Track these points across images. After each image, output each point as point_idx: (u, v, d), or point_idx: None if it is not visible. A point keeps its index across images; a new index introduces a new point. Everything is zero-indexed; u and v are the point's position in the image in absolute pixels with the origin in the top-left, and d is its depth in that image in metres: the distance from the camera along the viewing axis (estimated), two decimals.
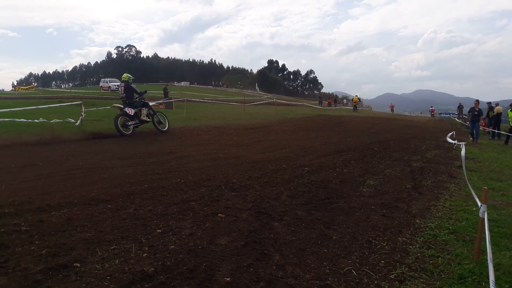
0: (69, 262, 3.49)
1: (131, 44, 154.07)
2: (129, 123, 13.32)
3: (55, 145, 10.65)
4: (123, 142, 11.64)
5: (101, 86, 55.78)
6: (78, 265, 3.45)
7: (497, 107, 22.87)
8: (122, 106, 13.37)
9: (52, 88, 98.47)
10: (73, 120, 16.40)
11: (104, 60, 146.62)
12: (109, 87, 51.39)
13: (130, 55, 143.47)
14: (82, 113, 16.29)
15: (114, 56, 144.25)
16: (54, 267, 3.37)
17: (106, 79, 58.46)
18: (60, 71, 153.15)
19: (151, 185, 6.33)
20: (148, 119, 13.93)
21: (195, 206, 5.31)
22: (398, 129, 19.82)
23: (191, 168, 7.90)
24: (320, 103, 55.57)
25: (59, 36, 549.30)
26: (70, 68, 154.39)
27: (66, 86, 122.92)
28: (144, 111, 13.86)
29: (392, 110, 59.46)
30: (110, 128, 13.79)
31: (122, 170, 7.50)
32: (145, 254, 3.73)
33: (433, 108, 60.98)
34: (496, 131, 21.25)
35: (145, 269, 3.40)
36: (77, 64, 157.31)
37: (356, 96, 45.09)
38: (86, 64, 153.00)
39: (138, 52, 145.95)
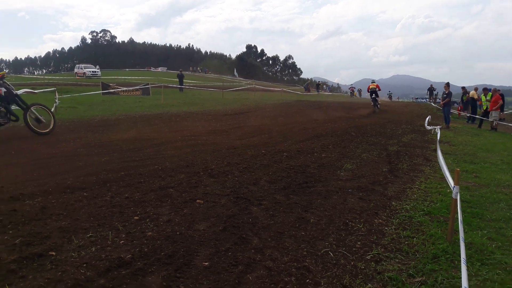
0: (44, 251, 3.43)
1: (106, 29, 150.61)
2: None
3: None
4: (99, 129, 11.41)
5: (76, 72, 54.24)
6: (54, 253, 3.39)
7: (472, 91, 23.41)
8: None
9: (24, 74, 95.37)
10: None
11: (79, 45, 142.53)
12: (84, 73, 50.09)
13: (105, 40, 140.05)
14: (56, 100, 15.88)
15: (89, 41, 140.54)
16: (28, 256, 3.30)
17: (81, 65, 56.83)
18: (33, 57, 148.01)
19: (128, 172, 6.24)
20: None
21: (173, 193, 5.27)
22: (374, 114, 20.07)
23: (169, 154, 7.83)
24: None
25: (31, 20, 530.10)
26: (43, 54, 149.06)
27: (39, 72, 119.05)
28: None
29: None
30: (85, 115, 13.50)
31: (98, 157, 7.37)
32: (122, 241, 3.70)
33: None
34: (470, 115, 21.78)
35: (122, 256, 3.37)
36: (51, 50, 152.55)
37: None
38: (60, 49, 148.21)
39: (113, 37, 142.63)
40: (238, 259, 3.46)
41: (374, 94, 23.71)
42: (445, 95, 18.06)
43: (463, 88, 26.40)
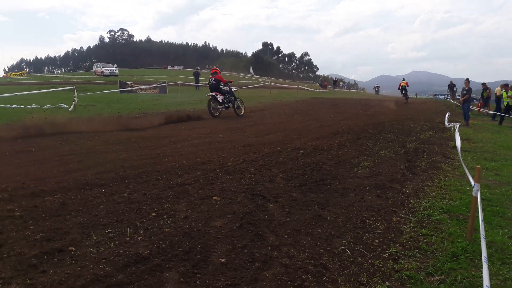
0: (64, 246, 3.50)
1: (124, 28, 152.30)
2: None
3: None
4: (116, 127, 11.54)
5: (94, 71, 55.08)
6: (73, 249, 3.46)
7: (498, 88, 22.33)
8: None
9: (44, 73, 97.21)
10: (66, 106, 16.28)
11: (97, 44, 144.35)
12: (102, 71, 50.78)
13: (122, 39, 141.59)
14: (75, 98, 16.16)
15: (107, 40, 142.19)
16: (49, 252, 3.38)
17: (99, 63, 57.71)
18: (52, 56, 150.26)
19: (146, 169, 6.31)
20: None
21: (190, 190, 5.31)
22: (392, 111, 19.83)
23: (185, 152, 7.88)
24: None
25: (51, 20, 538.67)
26: (62, 53, 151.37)
27: (59, 71, 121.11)
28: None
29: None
30: (103, 112, 13.68)
31: (116, 155, 7.47)
32: (140, 237, 3.75)
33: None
34: (494, 112, 21.04)
35: (140, 251, 3.41)
36: (70, 49, 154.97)
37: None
38: (79, 49, 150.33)
39: (131, 36, 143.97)
40: (254, 256, 3.47)
41: (404, 90, 30.36)
42: (464, 92, 17.68)
43: (483, 84, 25.78)
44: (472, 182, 4.17)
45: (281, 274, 3.22)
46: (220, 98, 15.10)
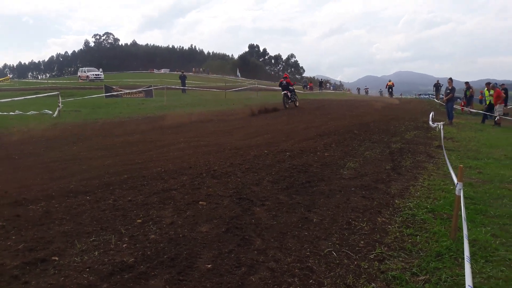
0: (47, 256, 3.45)
1: (109, 32, 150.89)
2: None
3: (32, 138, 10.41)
4: (101, 132, 11.43)
5: (79, 76, 54.40)
6: (57, 258, 3.41)
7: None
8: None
9: (28, 79, 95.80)
10: (50, 112, 16.07)
11: (82, 49, 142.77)
12: (87, 76, 50.17)
13: (108, 43, 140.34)
14: (60, 104, 15.96)
15: (92, 44, 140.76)
16: (31, 262, 3.33)
17: (84, 68, 56.98)
18: (37, 61, 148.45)
19: (131, 175, 6.25)
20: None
21: (176, 195, 5.28)
22: (377, 112, 20.01)
23: (172, 156, 7.84)
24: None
25: (35, 24, 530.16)
26: (46, 58, 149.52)
27: (43, 76, 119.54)
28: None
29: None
30: (88, 118, 13.55)
31: (101, 161, 7.39)
32: (125, 245, 3.71)
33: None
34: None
35: (125, 259, 3.38)
36: (54, 54, 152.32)
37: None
38: (63, 53, 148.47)
39: (116, 40, 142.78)
40: (241, 261, 3.46)
41: (390, 89, 43.45)
42: (448, 91, 17.94)
43: (467, 83, 26.22)
44: (456, 181, 4.23)
45: (268, 278, 3.22)
46: (289, 95, 20.80)
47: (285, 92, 20.78)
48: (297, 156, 8.01)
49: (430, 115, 16.14)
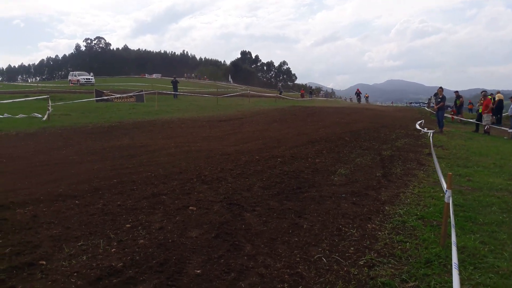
0: (34, 260, 3.40)
1: (101, 36, 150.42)
2: None
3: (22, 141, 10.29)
4: (91, 136, 11.35)
5: (70, 80, 53.99)
6: (44, 262, 3.37)
7: (498, 94, 21.84)
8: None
9: (18, 82, 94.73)
10: (40, 115, 15.90)
11: (73, 52, 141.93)
12: (78, 80, 49.79)
13: (99, 47, 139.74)
14: (49, 108, 15.79)
15: (83, 48, 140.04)
16: (18, 266, 3.28)
17: (74, 72, 56.55)
18: (27, 65, 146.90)
19: (121, 179, 6.21)
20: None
21: (166, 200, 5.25)
22: (368, 119, 20.14)
23: (162, 161, 7.80)
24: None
25: (26, 27, 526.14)
26: (37, 62, 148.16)
27: (33, 80, 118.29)
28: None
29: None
30: (78, 122, 13.45)
31: (91, 165, 7.33)
32: (114, 250, 3.67)
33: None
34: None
35: (113, 264, 3.34)
36: (45, 57, 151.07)
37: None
38: (54, 57, 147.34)
39: (108, 44, 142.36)
40: (230, 266, 3.44)
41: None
42: (439, 99, 18.12)
43: (456, 92, 26.52)
44: (445, 189, 4.26)
45: (257, 284, 3.20)
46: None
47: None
48: (288, 162, 8.01)
49: (417, 123, 16.27)
